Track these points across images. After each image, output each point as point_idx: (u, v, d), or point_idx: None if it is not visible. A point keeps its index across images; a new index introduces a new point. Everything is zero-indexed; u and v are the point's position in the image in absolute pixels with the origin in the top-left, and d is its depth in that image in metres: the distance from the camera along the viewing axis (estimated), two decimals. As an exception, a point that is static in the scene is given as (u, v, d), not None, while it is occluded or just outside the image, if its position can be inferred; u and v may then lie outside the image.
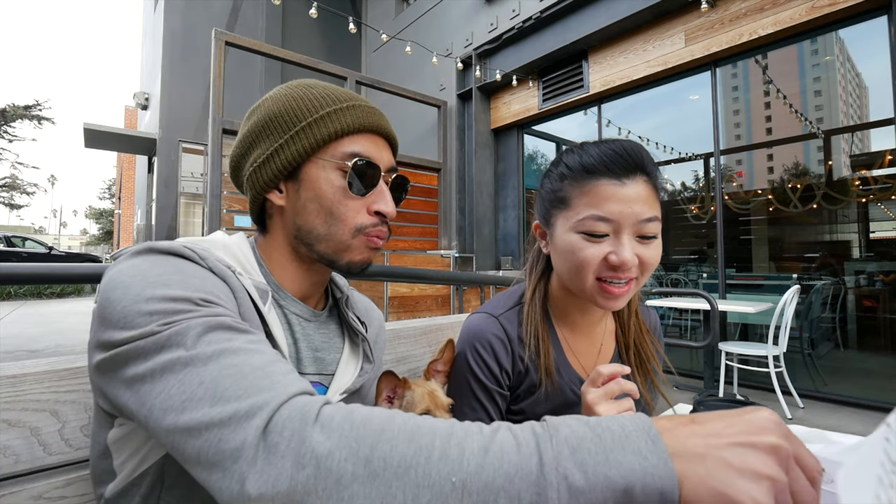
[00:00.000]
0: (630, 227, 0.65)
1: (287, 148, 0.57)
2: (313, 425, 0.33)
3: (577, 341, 0.80)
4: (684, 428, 0.33)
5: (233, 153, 0.63)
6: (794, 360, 3.63)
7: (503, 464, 0.31)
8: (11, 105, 24.75)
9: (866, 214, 4.46)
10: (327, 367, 0.63)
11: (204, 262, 0.49)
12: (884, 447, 0.31)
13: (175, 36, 7.76)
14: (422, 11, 6.87)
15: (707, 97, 4.13)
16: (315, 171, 0.58)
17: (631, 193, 0.64)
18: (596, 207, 0.65)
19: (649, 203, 0.65)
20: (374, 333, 0.74)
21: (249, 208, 0.63)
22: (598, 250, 0.65)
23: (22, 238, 13.89)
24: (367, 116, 0.60)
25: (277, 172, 0.58)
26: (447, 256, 5.18)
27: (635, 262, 0.65)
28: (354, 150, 0.58)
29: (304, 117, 0.57)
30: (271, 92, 0.62)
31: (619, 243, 0.64)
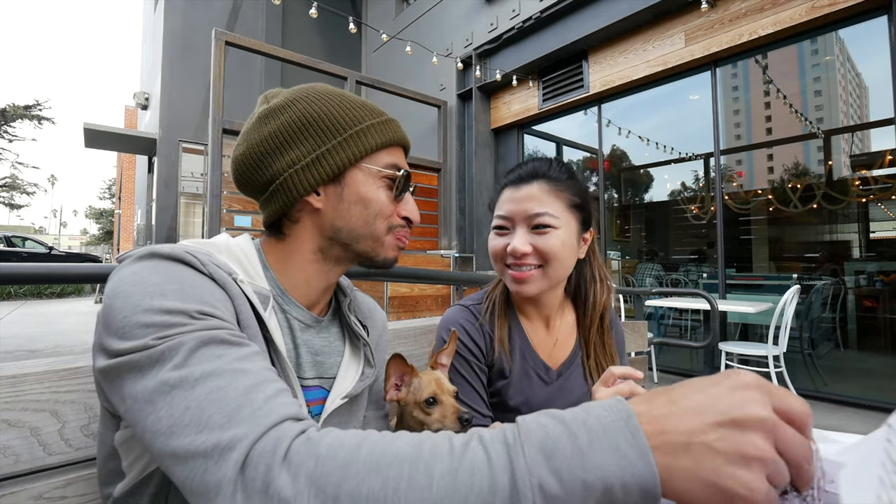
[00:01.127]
0: (522, 222, 0.80)
1: (335, 153, 0.59)
2: (281, 465, 0.33)
3: (536, 331, 0.90)
4: (663, 408, 0.32)
5: (247, 154, 0.60)
6: (794, 360, 3.63)
7: (474, 483, 0.31)
8: (11, 105, 24.74)
9: (866, 214, 4.46)
10: (328, 371, 0.64)
11: (204, 269, 0.49)
12: (885, 448, 0.31)
13: (175, 36, 7.76)
14: (422, 11, 6.87)
15: (707, 97, 4.13)
16: (360, 176, 0.61)
17: (523, 194, 0.81)
18: (500, 209, 0.84)
19: (541, 201, 0.79)
20: (377, 335, 0.75)
21: (271, 210, 0.61)
22: (501, 241, 0.83)
23: (22, 238, 13.89)
24: (399, 130, 0.65)
25: (323, 176, 0.59)
26: (447, 256, 5.18)
27: (527, 250, 0.79)
28: (392, 160, 0.63)
29: (352, 125, 0.60)
30: (295, 93, 0.61)
31: (514, 235, 0.81)
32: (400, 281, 4.14)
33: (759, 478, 0.29)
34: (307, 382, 0.61)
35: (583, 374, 0.90)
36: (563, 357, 0.90)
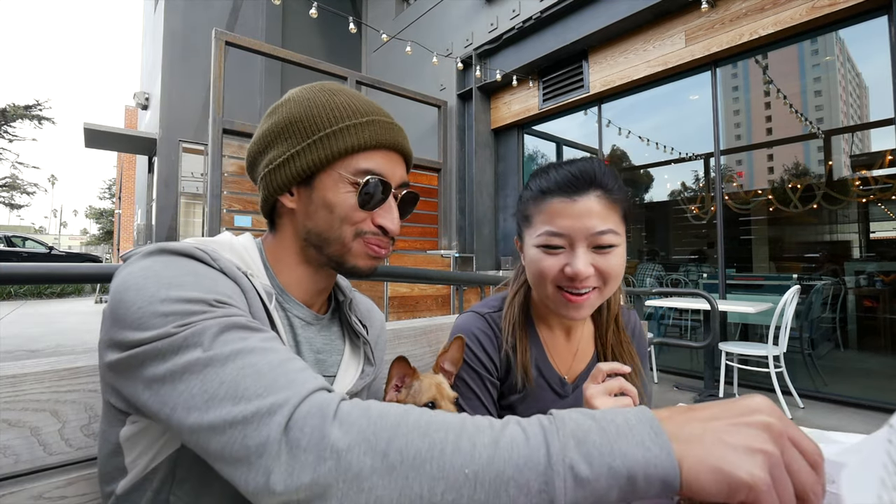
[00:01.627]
0: (583, 240, 0.70)
1: (303, 155, 0.58)
2: (332, 421, 0.35)
3: (556, 343, 0.85)
4: (683, 415, 0.36)
5: (250, 149, 0.64)
6: (795, 360, 3.63)
7: (513, 455, 0.33)
8: (11, 105, 24.74)
9: (866, 214, 4.46)
10: (328, 369, 0.64)
11: (215, 264, 0.50)
12: (886, 448, 0.31)
13: (175, 36, 7.76)
14: (422, 11, 6.87)
15: (707, 97, 4.13)
16: (328, 181, 0.59)
17: (582, 209, 0.70)
18: (550, 223, 0.71)
19: (602, 216, 0.70)
20: (375, 335, 0.75)
21: (260, 206, 0.65)
22: (554, 262, 0.71)
23: (22, 238, 13.89)
24: (384, 133, 0.61)
25: (291, 178, 0.59)
26: (447, 256, 5.18)
27: (590, 273, 0.69)
28: (368, 166, 0.59)
29: (324, 127, 0.58)
30: (295, 92, 0.63)
31: (573, 255, 0.70)
32: (400, 281, 4.14)
33: (762, 467, 0.31)
34: None
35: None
36: (581, 367, 0.85)
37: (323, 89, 0.62)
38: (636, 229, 6.17)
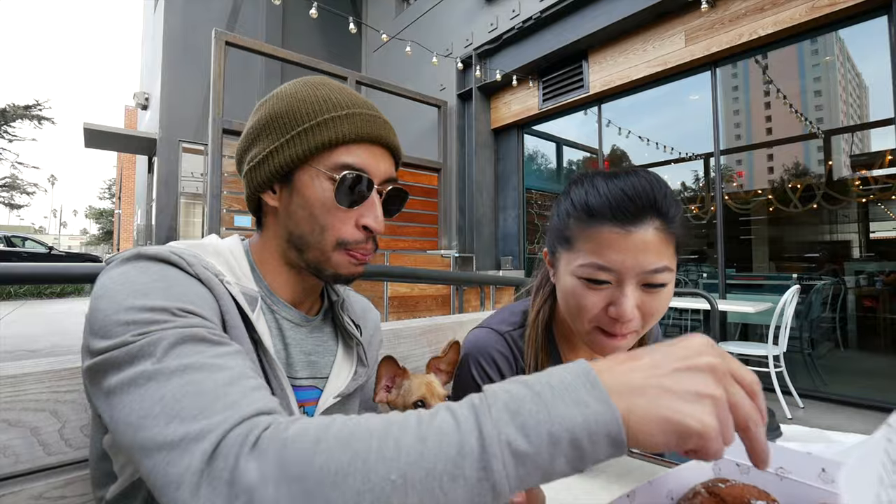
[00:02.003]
0: (634, 277, 0.61)
1: (282, 151, 0.57)
2: (249, 452, 0.32)
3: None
4: (623, 365, 0.34)
5: (237, 146, 0.63)
6: (794, 359, 3.63)
7: (443, 447, 0.31)
8: (11, 105, 24.74)
9: (866, 214, 4.47)
10: (321, 370, 0.63)
11: (191, 269, 0.49)
12: (885, 447, 0.31)
13: (175, 36, 7.77)
14: (422, 11, 6.87)
15: (707, 97, 4.13)
16: (307, 177, 0.57)
17: (637, 242, 0.60)
18: (597, 255, 0.61)
19: (658, 251, 0.61)
20: (369, 335, 0.74)
21: (246, 203, 0.64)
22: (597, 299, 0.63)
23: (22, 238, 13.89)
24: (365, 126, 0.58)
25: (271, 174, 0.58)
26: (447, 256, 5.18)
27: (636, 315, 0.62)
28: (348, 160, 0.56)
29: (302, 121, 0.57)
30: (280, 88, 0.62)
31: (621, 293, 0.61)
32: (400, 281, 4.14)
33: (710, 413, 0.31)
34: (300, 382, 0.60)
35: None
36: None
37: (307, 84, 0.60)
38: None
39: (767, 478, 0.39)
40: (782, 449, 0.38)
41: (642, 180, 0.63)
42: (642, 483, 0.38)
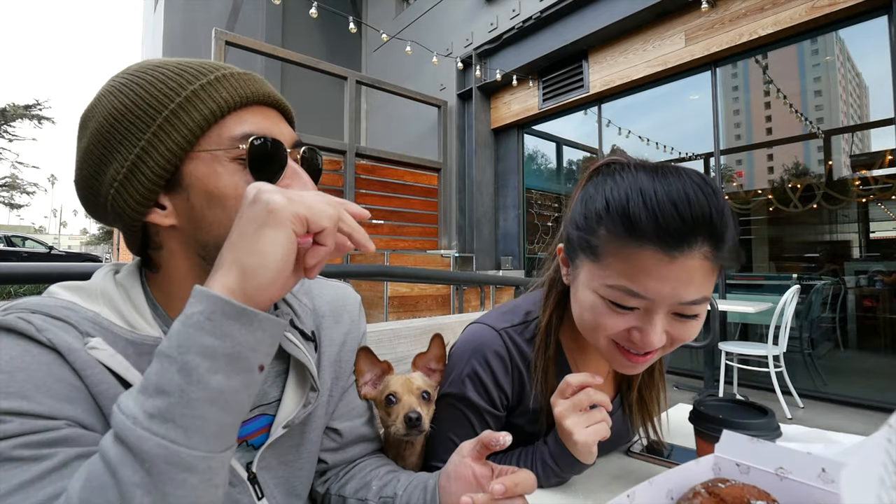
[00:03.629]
0: (666, 308, 0.53)
1: (154, 150, 0.45)
2: None
3: (587, 365, 0.73)
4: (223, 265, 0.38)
5: (76, 178, 0.49)
6: (794, 359, 3.63)
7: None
8: (11, 105, 24.72)
9: (866, 214, 4.46)
10: (268, 395, 0.55)
11: (42, 336, 0.40)
12: (886, 448, 0.31)
13: (175, 36, 7.77)
14: (422, 11, 6.87)
15: (707, 97, 4.13)
16: (202, 168, 0.46)
17: (680, 271, 0.50)
18: (630, 280, 0.52)
19: (702, 283, 0.52)
20: (342, 334, 0.64)
21: (127, 243, 0.52)
22: (620, 322, 0.55)
23: (22, 238, 13.89)
24: (245, 86, 0.48)
25: (150, 185, 0.45)
26: (447, 256, 5.18)
27: (662, 342, 0.55)
28: (244, 129, 0.46)
29: (165, 105, 0.45)
30: (100, 92, 0.48)
31: (650, 323, 0.53)
32: (400, 281, 4.14)
33: (284, 247, 0.36)
34: None
35: (622, 410, 0.76)
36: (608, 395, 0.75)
37: (141, 68, 0.48)
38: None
39: (767, 478, 0.39)
40: (782, 449, 0.38)
41: (698, 191, 0.51)
42: (642, 483, 0.38)
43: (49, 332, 0.41)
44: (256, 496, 0.52)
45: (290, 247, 0.37)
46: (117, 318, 0.46)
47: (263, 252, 0.36)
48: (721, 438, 0.42)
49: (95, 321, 0.44)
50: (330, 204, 0.39)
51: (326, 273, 1.73)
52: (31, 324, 0.40)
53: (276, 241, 0.36)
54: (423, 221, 5.59)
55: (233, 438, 0.36)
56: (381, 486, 0.60)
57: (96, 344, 0.42)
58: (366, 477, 0.63)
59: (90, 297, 0.46)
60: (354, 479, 0.63)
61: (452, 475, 0.53)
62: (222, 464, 0.35)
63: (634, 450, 0.75)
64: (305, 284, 0.64)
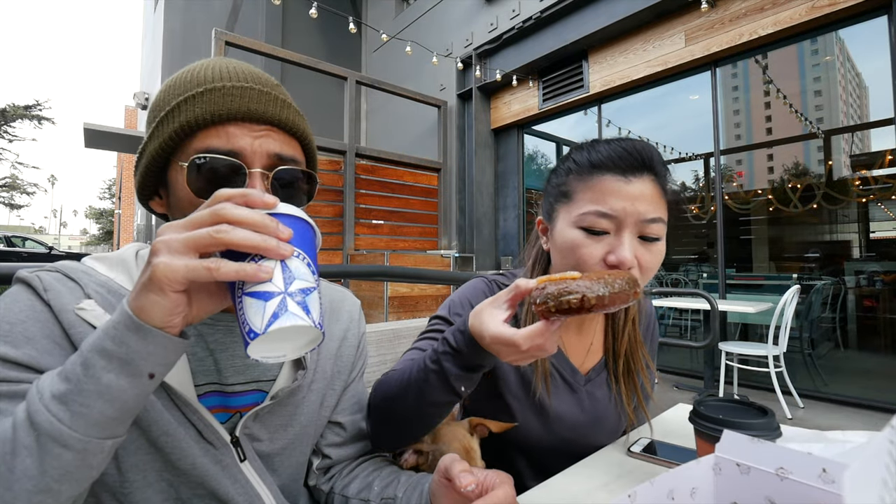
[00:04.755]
0: (632, 226, 0.64)
1: (146, 149, 0.51)
2: None
3: (569, 334, 0.81)
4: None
5: None
6: (795, 360, 3.63)
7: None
8: (11, 105, 24.76)
9: (866, 214, 4.46)
10: (266, 373, 0.59)
11: (45, 295, 0.48)
12: (888, 449, 0.31)
13: (175, 36, 7.77)
14: (422, 11, 6.87)
15: (707, 97, 4.13)
16: (173, 175, 0.51)
17: (635, 191, 0.63)
18: (599, 203, 0.64)
19: (654, 203, 0.65)
20: (342, 330, 0.68)
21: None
22: (596, 249, 0.64)
23: (22, 238, 13.90)
24: (225, 102, 0.48)
25: (144, 178, 0.52)
26: (447, 256, 5.18)
27: (634, 264, 0.63)
28: (209, 145, 0.48)
29: (160, 110, 0.50)
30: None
31: (619, 242, 0.63)
32: (400, 281, 4.14)
33: (173, 261, 0.37)
34: (234, 388, 0.57)
35: (607, 378, 0.82)
36: (594, 362, 0.82)
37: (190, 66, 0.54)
38: (636, 229, 6.16)
39: (768, 478, 0.39)
40: (783, 449, 0.38)
41: (640, 142, 0.67)
42: (643, 483, 0.38)
43: (52, 293, 0.48)
44: (239, 458, 0.55)
45: (171, 306, 0.38)
46: (128, 283, 0.53)
47: (151, 303, 0.38)
48: (721, 438, 0.42)
49: (107, 285, 0.51)
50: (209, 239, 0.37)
51: (327, 273, 1.73)
52: (41, 281, 0.48)
53: (156, 303, 0.38)
54: (423, 221, 5.59)
55: (117, 430, 0.40)
56: (382, 487, 0.62)
57: (85, 305, 0.49)
58: (368, 477, 0.64)
59: (110, 265, 0.54)
60: (357, 479, 0.65)
61: (436, 492, 0.54)
62: (101, 449, 0.39)
63: (634, 450, 0.75)
64: None
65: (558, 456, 0.80)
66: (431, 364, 0.57)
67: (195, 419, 0.52)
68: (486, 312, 0.53)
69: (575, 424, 0.79)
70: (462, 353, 0.55)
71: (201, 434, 0.52)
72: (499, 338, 0.50)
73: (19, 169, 32.44)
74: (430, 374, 0.56)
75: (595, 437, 0.80)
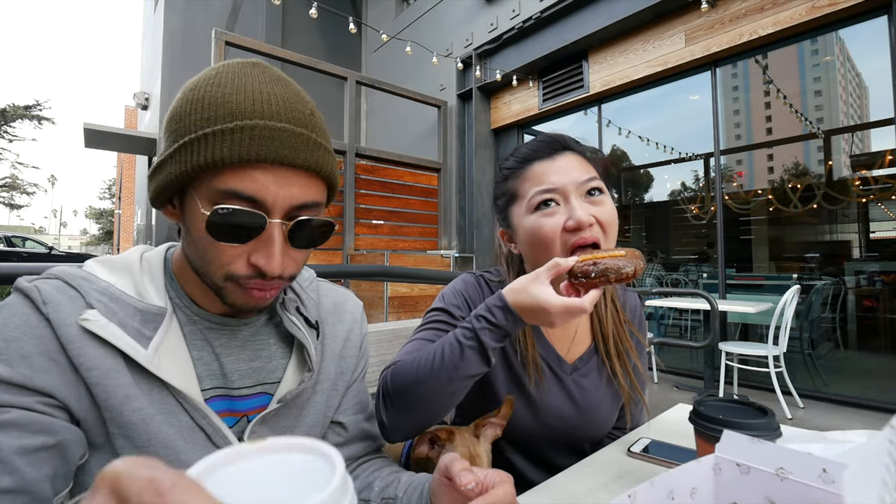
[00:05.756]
0: (575, 191, 0.72)
1: (170, 163, 0.48)
2: None
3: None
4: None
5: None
6: (795, 360, 3.63)
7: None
8: (11, 105, 24.76)
9: (866, 214, 4.47)
10: (270, 375, 0.59)
11: (44, 308, 0.46)
12: (888, 449, 0.31)
13: (175, 36, 7.77)
14: (422, 11, 6.87)
15: (707, 97, 4.13)
16: (190, 200, 0.49)
17: (563, 164, 0.74)
18: (539, 184, 0.73)
19: (583, 167, 0.74)
20: (344, 332, 0.68)
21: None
22: (555, 220, 0.71)
23: (22, 238, 13.89)
24: (260, 144, 0.46)
25: (161, 186, 0.50)
26: (447, 256, 5.18)
27: (591, 221, 0.70)
28: (235, 187, 0.46)
29: (189, 131, 0.47)
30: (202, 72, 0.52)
31: (570, 207, 0.71)
32: (400, 281, 4.14)
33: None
34: (242, 392, 0.57)
35: (597, 366, 0.85)
36: (581, 351, 0.85)
37: (217, 74, 0.50)
38: (636, 229, 6.17)
39: (768, 478, 0.39)
40: (782, 449, 0.38)
41: (551, 133, 0.79)
42: (643, 483, 0.38)
43: (50, 306, 0.47)
44: None
45: None
46: (130, 288, 0.52)
47: None
48: (721, 438, 0.42)
49: (107, 291, 0.50)
50: None
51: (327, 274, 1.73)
52: (40, 293, 0.47)
53: None
54: (423, 222, 5.59)
55: None
56: (383, 487, 0.62)
57: (89, 316, 0.47)
58: (368, 477, 0.65)
59: (112, 269, 0.53)
60: (358, 480, 0.65)
61: (436, 491, 0.54)
62: None
63: (634, 450, 0.75)
64: (314, 283, 0.69)
65: (550, 446, 0.82)
66: (468, 341, 0.64)
67: (204, 423, 0.52)
68: (535, 288, 0.60)
69: (562, 414, 0.81)
70: (501, 326, 0.63)
71: (210, 438, 0.52)
72: (570, 306, 0.58)
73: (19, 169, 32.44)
74: (467, 350, 0.63)
75: (585, 426, 0.82)
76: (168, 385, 0.50)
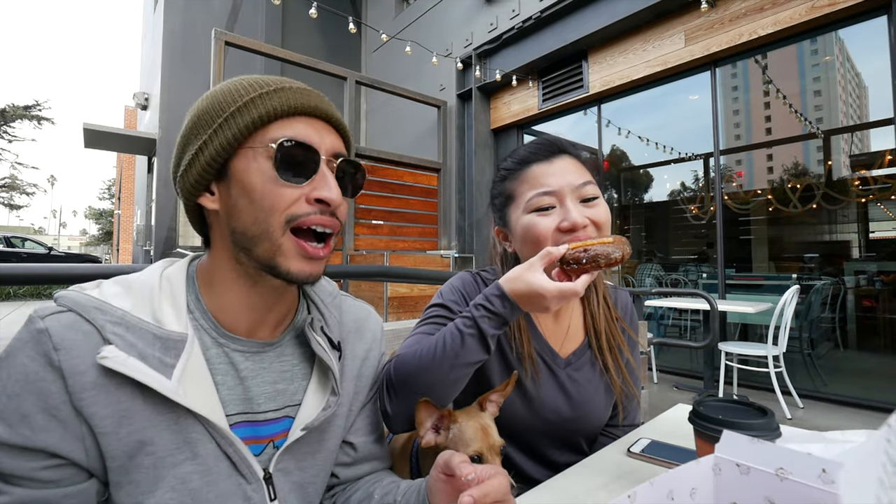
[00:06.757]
0: (570, 194, 0.74)
1: (211, 143, 0.52)
2: None
3: (547, 320, 0.87)
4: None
5: (171, 166, 0.59)
6: (794, 360, 3.63)
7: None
8: (11, 105, 24.72)
9: (866, 214, 4.47)
10: (291, 398, 0.59)
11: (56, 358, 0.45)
12: (885, 448, 0.31)
13: (175, 36, 7.76)
14: (422, 11, 6.87)
15: (707, 97, 4.13)
16: (244, 162, 0.52)
17: (560, 167, 0.76)
18: (537, 186, 0.76)
19: (579, 171, 0.77)
20: (364, 350, 0.69)
21: (189, 221, 0.60)
22: (550, 221, 0.74)
23: (21, 238, 13.88)
24: (297, 97, 0.53)
25: (202, 171, 0.53)
26: (447, 256, 5.18)
27: (586, 223, 0.73)
28: (284, 133, 0.52)
29: (228, 107, 0.52)
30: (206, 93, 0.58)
31: (566, 209, 0.73)
32: (400, 281, 4.14)
33: None
34: (266, 416, 0.56)
35: (590, 361, 0.86)
36: (574, 346, 0.87)
37: (227, 81, 0.56)
38: (636, 229, 6.17)
39: (768, 478, 0.39)
40: (782, 449, 0.38)
41: (548, 137, 0.81)
42: (643, 483, 0.38)
43: (63, 352, 0.45)
44: (269, 497, 0.54)
45: None
46: (148, 313, 0.51)
47: None
48: (721, 438, 0.42)
49: (124, 320, 0.48)
50: None
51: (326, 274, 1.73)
52: (52, 338, 0.45)
53: None
54: (423, 222, 5.59)
55: None
56: (382, 495, 0.62)
57: (107, 353, 0.46)
58: (369, 488, 0.65)
59: (129, 292, 0.52)
60: (359, 492, 0.65)
61: (433, 489, 0.55)
62: None
63: (634, 450, 0.75)
64: (337, 298, 0.69)
65: (546, 441, 0.83)
66: (468, 329, 0.66)
67: (231, 451, 0.51)
68: (530, 276, 0.63)
69: (556, 407, 0.82)
70: (499, 314, 0.65)
71: (236, 467, 0.52)
72: (564, 290, 0.61)
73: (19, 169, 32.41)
74: (468, 338, 0.65)
75: (579, 420, 0.83)
76: (195, 414, 0.49)
